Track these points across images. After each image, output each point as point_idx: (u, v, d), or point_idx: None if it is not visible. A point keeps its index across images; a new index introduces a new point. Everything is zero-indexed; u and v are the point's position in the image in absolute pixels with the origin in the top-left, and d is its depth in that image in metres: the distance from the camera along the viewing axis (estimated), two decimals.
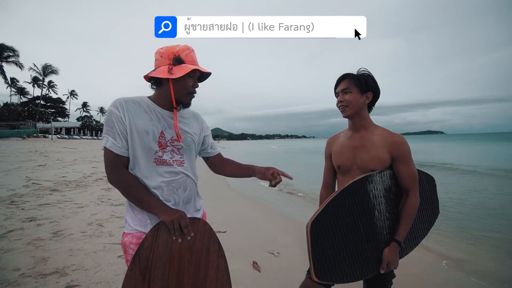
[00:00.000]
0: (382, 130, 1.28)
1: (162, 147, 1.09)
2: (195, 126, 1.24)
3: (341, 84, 1.30)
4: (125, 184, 1.05)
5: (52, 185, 5.82)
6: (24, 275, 2.17)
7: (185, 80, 1.08)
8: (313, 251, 1.10)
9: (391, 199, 1.25)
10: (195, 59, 1.11)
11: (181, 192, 1.13)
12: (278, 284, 2.33)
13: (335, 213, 1.14)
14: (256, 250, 3.02)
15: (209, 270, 1.07)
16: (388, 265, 1.19)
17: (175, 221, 1.02)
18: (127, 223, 1.11)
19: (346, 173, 1.33)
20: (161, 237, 1.02)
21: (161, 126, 1.10)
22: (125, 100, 1.07)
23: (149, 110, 1.10)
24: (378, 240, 1.20)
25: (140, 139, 1.06)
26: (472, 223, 4.60)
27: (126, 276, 0.99)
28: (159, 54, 1.09)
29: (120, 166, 1.06)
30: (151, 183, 1.08)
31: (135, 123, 1.06)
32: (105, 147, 1.04)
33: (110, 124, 1.04)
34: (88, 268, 2.35)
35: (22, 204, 4.24)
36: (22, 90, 56.98)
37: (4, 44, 40.39)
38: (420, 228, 1.38)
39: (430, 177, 1.45)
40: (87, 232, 3.20)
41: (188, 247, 1.05)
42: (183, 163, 1.15)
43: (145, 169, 1.08)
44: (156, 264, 1.00)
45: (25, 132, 35.10)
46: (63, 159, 11.36)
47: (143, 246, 1.00)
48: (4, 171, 7.36)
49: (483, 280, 2.64)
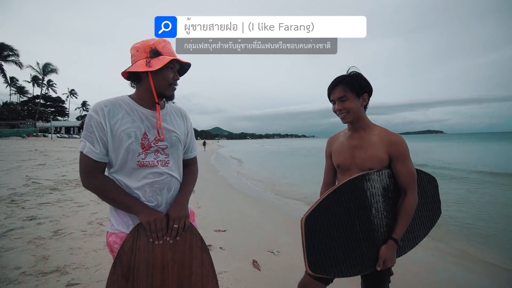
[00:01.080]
0: (380, 130, 1.29)
1: (146, 149, 1.07)
2: (180, 124, 1.21)
3: (336, 92, 1.27)
4: (101, 188, 1.04)
5: (52, 184, 5.83)
6: (25, 273, 2.18)
7: (164, 72, 1.06)
8: (307, 245, 1.12)
9: (390, 197, 1.26)
10: (172, 50, 1.10)
11: (165, 193, 1.12)
12: (278, 282, 2.34)
13: (331, 209, 1.16)
14: (256, 249, 3.03)
15: (193, 266, 1.06)
16: (384, 263, 1.20)
17: (151, 222, 1.01)
18: (111, 223, 1.11)
19: (345, 172, 1.34)
20: (141, 238, 1.01)
21: (144, 127, 1.08)
22: (105, 104, 1.05)
23: (131, 111, 1.08)
24: (375, 238, 1.22)
25: (122, 143, 1.04)
26: (473, 222, 4.62)
27: (108, 281, 0.97)
28: (135, 49, 1.07)
29: (96, 172, 1.05)
30: (134, 185, 1.06)
31: (116, 127, 1.04)
32: (82, 152, 1.03)
33: (89, 129, 1.03)
34: (89, 267, 2.36)
35: (22, 203, 4.25)
36: (22, 89, 56.89)
37: (4, 43, 40.31)
38: (420, 228, 1.39)
39: (431, 177, 1.46)
40: (87, 231, 3.21)
41: (171, 245, 1.04)
42: (167, 163, 1.12)
43: (128, 171, 1.07)
44: (139, 265, 0.99)
45: (24, 131, 35.06)
46: (63, 158, 11.35)
47: (123, 249, 0.99)
48: (4, 170, 7.36)
49: (484, 279, 2.66)
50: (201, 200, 5.32)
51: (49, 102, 61.88)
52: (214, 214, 4.39)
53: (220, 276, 2.35)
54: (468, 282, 2.58)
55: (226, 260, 2.70)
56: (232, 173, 11.36)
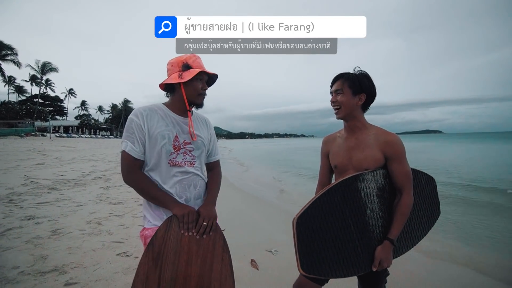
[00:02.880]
0: (376, 130, 1.29)
1: (176, 150, 1.23)
2: (205, 131, 1.37)
3: (335, 85, 1.31)
4: (140, 184, 1.18)
5: (51, 184, 5.82)
6: (23, 272, 2.18)
7: (194, 83, 1.21)
8: (299, 245, 1.12)
9: (385, 198, 1.26)
10: (201, 64, 1.24)
11: (192, 189, 1.26)
12: (275, 281, 2.35)
13: (323, 210, 1.16)
14: (254, 248, 3.04)
15: (214, 263, 1.15)
16: (380, 263, 1.20)
17: (185, 214, 1.14)
18: (146, 219, 1.24)
19: (342, 173, 1.34)
20: (173, 229, 1.13)
21: (175, 131, 1.23)
22: (144, 109, 1.22)
23: (165, 117, 1.24)
24: (370, 238, 1.22)
25: (157, 143, 1.19)
26: (473, 223, 4.64)
27: (140, 262, 1.08)
28: (170, 64, 1.24)
29: (136, 168, 1.19)
30: (166, 182, 1.21)
31: (153, 129, 1.19)
32: (124, 151, 1.18)
33: (130, 130, 1.18)
34: (87, 266, 2.36)
35: (20, 202, 4.24)
36: (20, 89, 56.70)
37: (2, 42, 40.12)
38: (418, 228, 1.38)
39: (429, 177, 1.45)
40: (86, 230, 3.21)
41: (196, 240, 1.14)
42: (193, 163, 1.28)
43: (161, 169, 1.21)
44: (168, 253, 1.10)
45: (23, 131, 34.95)
46: (61, 158, 11.32)
47: (156, 236, 1.11)
48: (2, 169, 7.34)
49: (484, 278, 2.67)
50: None
51: (48, 101, 61.72)
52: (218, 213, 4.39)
53: None
54: (469, 282, 2.60)
55: None
56: (230, 172, 11.37)
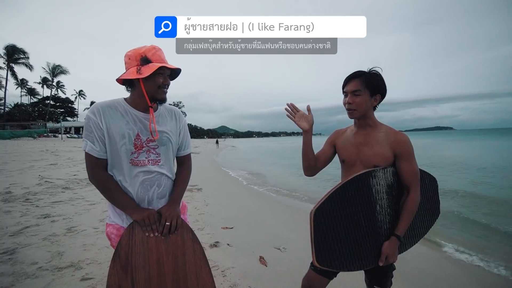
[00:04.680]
0: (386, 128, 1.31)
1: (138, 149, 1.17)
2: (172, 124, 1.29)
3: (352, 84, 1.27)
4: (102, 185, 1.15)
5: (64, 183, 5.99)
6: (41, 268, 2.28)
7: (154, 78, 1.14)
8: (315, 238, 1.15)
9: (393, 195, 1.28)
10: (162, 57, 1.16)
11: (156, 189, 1.21)
12: (284, 278, 2.38)
13: (338, 203, 1.19)
14: (263, 246, 3.08)
15: (186, 256, 1.15)
16: (387, 258, 1.22)
17: (145, 218, 1.12)
18: (109, 215, 1.24)
19: (350, 168, 1.36)
20: (136, 234, 1.12)
21: (137, 129, 1.17)
22: (101, 105, 1.15)
23: (125, 114, 1.17)
24: (378, 234, 1.25)
25: (117, 142, 1.14)
26: (479, 216, 4.57)
27: (109, 273, 1.06)
28: (127, 57, 1.15)
29: (99, 168, 1.16)
30: (127, 182, 1.17)
31: (112, 127, 1.13)
32: (85, 151, 1.14)
33: (88, 129, 1.13)
34: (102, 262, 2.44)
35: (36, 201, 4.39)
36: (32, 91, 58.10)
37: (15, 46, 41.20)
38: (420, 226, 1.41)
39: (432, 178, 1.48)
40: (99, 228, 3.31)
41: (163, 239, 1.14)
42: (158, 162, 1.22)
43: (122, 169, 1.17)
44: (136, 258, 1.09)
45: (35, 132, 35.85)
46: (73, 158, 11.62)
47: (121, 244, 1.09)
48: (17, 170, 7.59)
49: (486, 275, 2.65)
50: (208, 198, 5.40)
51: (59, 103, 63.04)
52: (221, 212, 4.45)
53: (227, 271, 2.41)
54: (472, 279, 2.58)
55: (233, 256, 2.75)
56: (236, 171, 11.44)
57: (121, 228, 1.19)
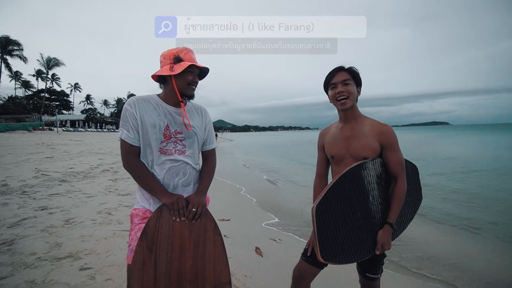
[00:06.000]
0: (371, 121, 1.35)
1: (167, 138, 1.28)
2: (198, 120, 1.40)
3: (341, 75, 1.33)
4: (135, 171, 1.26)
5: (61, 176, 6.00)
6: (40, 258, 2.31)
7: (185, 76, 1.25)
8: (318, 233, 1.17)
9: (382, 185, 1.33)
10: (193, 57, 1.28)
11: (181, 177, 1.31)
12: (278, 267, 2.45)
13: (336, 198, 1.22)
14: (259, 237, 3.14)
15: (207, 245, 1.21)
16: (382, 246, 1.27)
17: (174, 202, 1.20)
18: (137, 201, 1.33)
19: (340, 162, 1.40)
20: (163, 217, 1.19)
21: (167, 120, 1.28)
22: (137, 99, 1.28)
23: (157, 107, 1.29)
24: (372, 224, 1.29)
25: (149, 131, 1.24)
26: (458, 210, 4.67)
27: (135, 251, 1.13)
28: (162, 56, 1.27)
29: (133, 155, 1.26)
30: (156, 169, 1.27)
31: (145, 118, 1.25)
32: (121, 138, 1.24)
33: (124, 119, 1.25)
34: (100, 253, 2.48)
35: (33, 194, 4.41)
36: (27, 83, 57.35)
37: (9, 38, 40.47)
38: (407, 213, 1.46)
39: (413, 166, 1.54)
40: (97, 220, 3.34)
41: (188, 225, 1.21)
42: (184, 152, 1.32)
43: (152, 157, 1.27)
44: (161, 239, 1.16)
45: (31, 125, 35.52)
46: (69, 151, 11.56)
47: (149, 225, 1.17)
48: (13, 163, 7.56)
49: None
50: None
51: (54, 96, 62.32)
52: (218, 205, 4.50)
53: None
54: None
55: (230, 247, 2.79)
56: (234, 164, 11.49)
57: (147, 211, 1.27)
